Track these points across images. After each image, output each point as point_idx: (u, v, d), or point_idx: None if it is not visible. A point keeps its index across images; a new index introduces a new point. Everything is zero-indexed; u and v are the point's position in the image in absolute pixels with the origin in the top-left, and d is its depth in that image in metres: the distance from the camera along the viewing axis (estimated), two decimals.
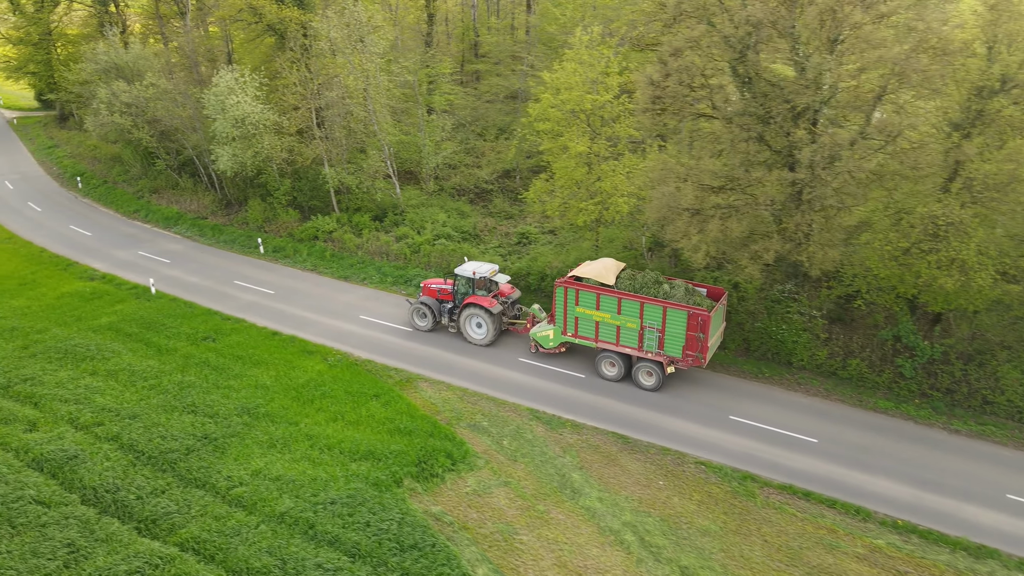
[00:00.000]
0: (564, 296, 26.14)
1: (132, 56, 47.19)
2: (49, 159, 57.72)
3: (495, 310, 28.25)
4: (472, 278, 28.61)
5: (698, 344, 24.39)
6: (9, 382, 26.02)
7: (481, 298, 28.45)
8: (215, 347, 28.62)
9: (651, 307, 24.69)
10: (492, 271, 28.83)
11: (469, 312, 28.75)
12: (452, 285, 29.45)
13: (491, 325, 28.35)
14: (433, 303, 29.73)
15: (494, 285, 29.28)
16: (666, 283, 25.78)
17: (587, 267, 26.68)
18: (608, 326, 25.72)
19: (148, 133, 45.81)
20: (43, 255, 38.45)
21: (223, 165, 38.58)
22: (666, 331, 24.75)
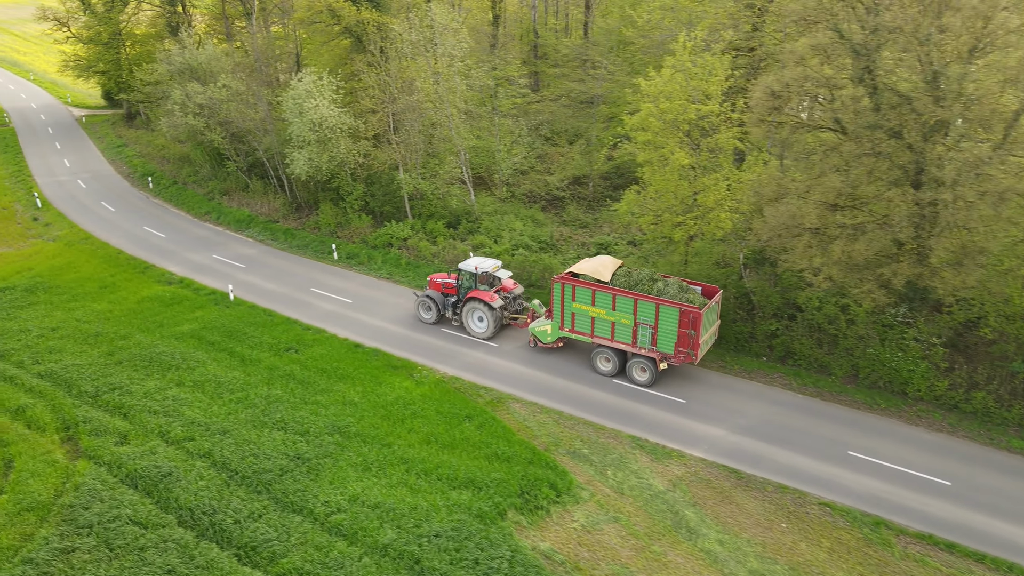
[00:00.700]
0: (561, 292, 26.61)
1: (206, 57, 47.02)
2: (119, 158, 58.19)
3: (496, 305, 28.79)
4: (475, 273, 29.11)
5: (690, 341, 24.58)
6: (97, 391, 25.61)
7: (483, 293, 29.04)
8: (298, 359, 27.86)
9: (644, 304, 25.05)
10: (495, 267, 29.36)
11: (471, 306, 29.29)
12: (456, 279, 29.97)
13: (491, 319, 28.92)
14: (438, 296, 30.45)
15: (497, 281, 29.64)
16: (660, 280, 26.24)
17: (584, 264, 27.13)
18: (603, 322, 26.07)
19: (220, 135, 45.61)
20: (120, 257, 38.35)
21: (298, 169, 37.99)
22: (659, 328, 25.03)
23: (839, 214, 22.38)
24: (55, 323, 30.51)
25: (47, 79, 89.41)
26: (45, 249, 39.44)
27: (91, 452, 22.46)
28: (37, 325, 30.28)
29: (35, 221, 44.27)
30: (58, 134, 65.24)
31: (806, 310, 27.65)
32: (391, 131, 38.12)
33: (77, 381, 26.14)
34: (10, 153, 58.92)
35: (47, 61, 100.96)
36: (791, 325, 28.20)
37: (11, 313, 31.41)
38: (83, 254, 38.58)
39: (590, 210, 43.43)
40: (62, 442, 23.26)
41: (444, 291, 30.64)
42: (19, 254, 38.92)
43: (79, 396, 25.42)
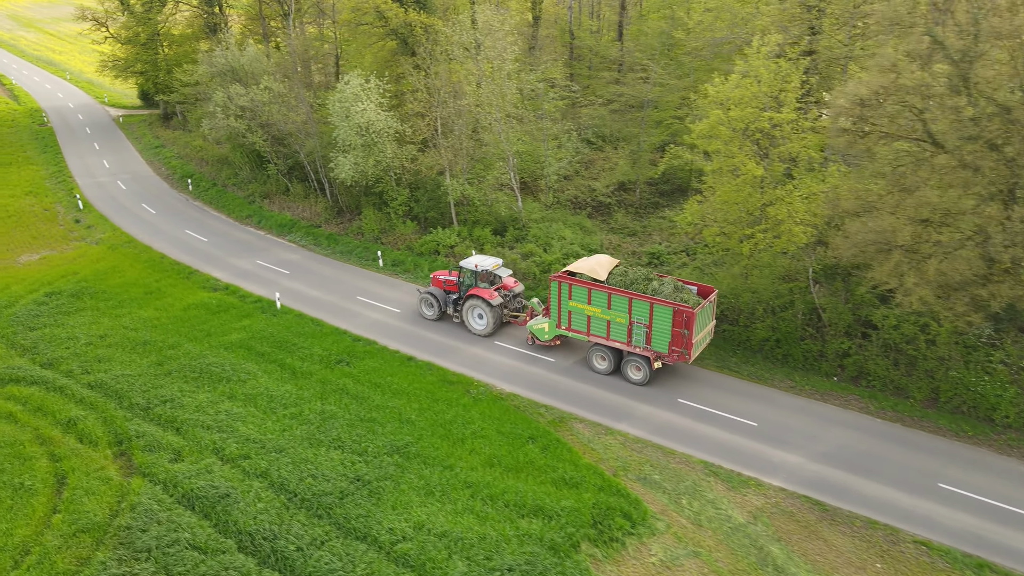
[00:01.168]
0: (558, 290, 26.88)
1: (248, 59, 46.45)
2: (157, 159, 57.95)
3: (495, 302, 29.19)
4: (475, 271, 29.47)
5: (683, 340, 24.69)
6: (149, 403, 24.92)
7: (483, 290, 29.42)
8: (351, 372, 26.99)
9: (639, 303, 25.25)
10: (495, 265, 29.74)
11: (471, 303, 29.69)
12: (458, 277, 30.40)
13: (491, 317, 29.30)
14: (440, 293, 30.89)
15: (497, 279, 30.04)
16: (656, 280, 26.24)
17: (582, 263, 27.38)
18: (599, 320, 26.32)
19: (261, 137, 45.01)
20: (164, 261, 37.81)
21: (344, 174, 37.18)
22: (653, 327, 25.21)
23: (934, 231, 20.98)
24: (103, 330, 29.95)
25: (83, 78, 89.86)
26: (89, 252, 39.04)
27: (145, 469, 21.74)
28: (85, 332, 29.73)
29: (77, 223, 43.98)
30: (96, 134, 65.25)
31: (882, 328, 26.27)
32: (438, 136, 37.16)
33: (128, 392, 25.49)
34: (50, 153, 58.93)
35: (83, 60, 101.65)
36: (864, 344, 26.81)
37: (58, 320, 30.91)
38: (127, 258, 38.10)
39: (637, 217, 42.18)
40: (115, 457, 22.57)
41: (446, 288, 31.06)
42: (63, 257, 38.55)
43: (130, 408, 24.75)
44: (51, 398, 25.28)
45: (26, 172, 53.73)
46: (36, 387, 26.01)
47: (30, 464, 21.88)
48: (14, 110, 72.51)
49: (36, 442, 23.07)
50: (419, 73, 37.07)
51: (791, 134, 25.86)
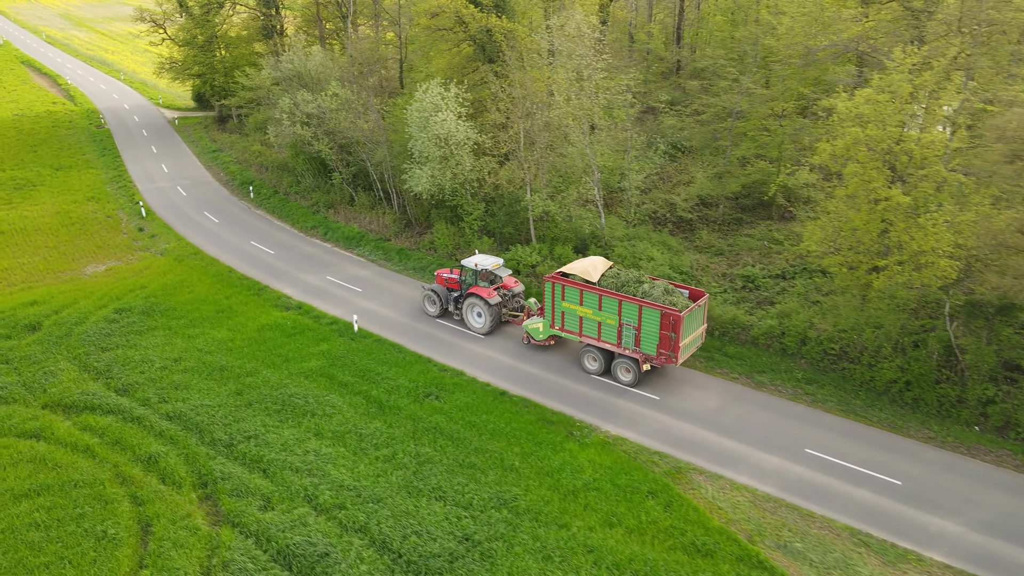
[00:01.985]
0: (552, 291, 27.16)
1: (315, 64, 44.86)
2: (215, 164, 56.84)
3: (493, 301, 29.57)
4: (476, 270, 29.81)
5: (671, 343, 24.74)
6: (231, 439, 23.21)
7: (482, 289, 29.78)
8: (441, 408, 24.99)
9: (628, 305, 25.39)
10: (495, 264, 30.09)
11: (470, 301, 30.16)
12: (459, 275, 30.80)
13: (489, 315, 29.70)
14: (442, 291, 31.36)
15: (497, 278, 30.30)
16: (647, 283, 26.29)
17: (575, 264, 27.60)
18: (591, 322, 26.56)
19: (327, 145, 43.39)
20: (232, 276, 36.30)
21: (420, 187, 35.23)
22: (642, 329, 25.31)
23: None
24: (176, 353, 28.42)
25: (137, 79, 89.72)
26: (155, 264, 37.73)
27: (234, 517, 19.98)
28: (159, 355, 28.23)
29: (141, 232, 42.81)
30: (152, 137, 64.52)
31: None
32: (520, 148, 35.01)
33: (208, 426, 23.82)
34: (108, 156, 58.21)
35: (135, 61, 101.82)
36: (1012, 391, 24.01)
37: (131, 340, 29.48)
38: (194, 271, 36.69)
39: (721, 235, 39.59)
40: (200, 501, 20.87)
41: (448, 286, 31.52)
42: (129, 269, 37.30)
43: (212, 444, 23.07)
44: (129, 430, 23.72)
45: (87, 176, 52.96)
46: (112, 417, 24.50)
47: (112, 508, 20.27)
48: (71, 111, 72.28)
49: (116, 481, 21.49)
50: (502, 81, 34.95)
51: (937, 156, 23.14)
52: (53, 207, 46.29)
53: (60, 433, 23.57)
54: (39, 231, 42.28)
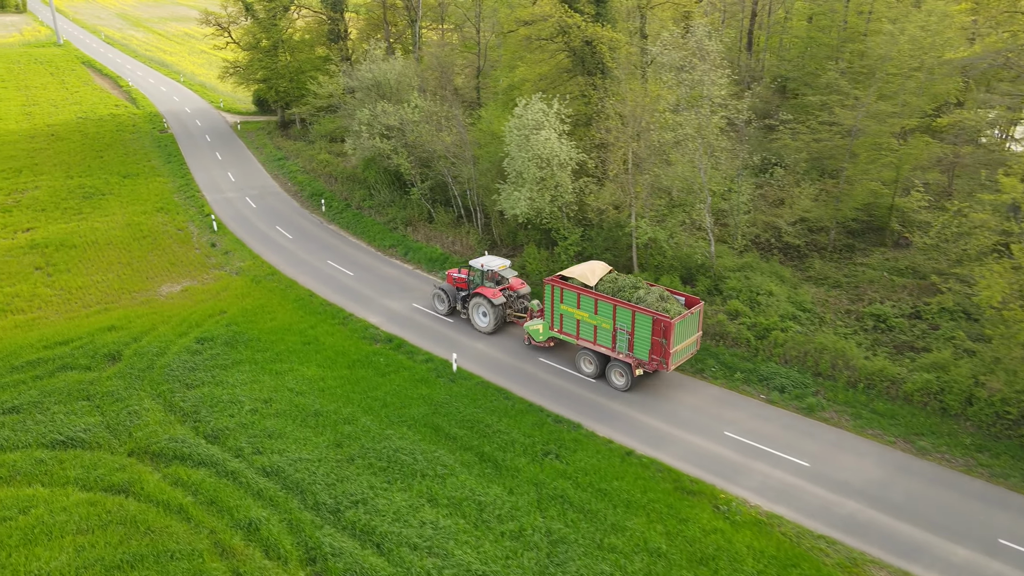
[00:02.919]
0: (551, 294, 27.45)
1: (396, 73, 42.43)
2: (281, 172, 54.93)
3: (497, 301, 30.04)
4: (482, 270, 30.35)
5: (662, 349, 24.79)
6: (337, 503, 20.72)
7: (487, 289, 30.25)
8: (564, 470, 22.19)
9: (622, 310, 25.59)
10: (502, 265, 30.61)
11: (476, 301, 30.69)
12: (467, 275, 31.35)
13: (493, 315, 30.14)
14: (451, 290, 32.04)
15: (504, 279, 30.84)
16: (643, 288, 26.40)
17: (575, 268, 27.94)
18: (587, 325, 26.80)
19: (406, 158, 40.94)
20: (313, 301, 34.00)
21: (517, 209, 32.45)
22: (635, 334, 25.40)
23: None
24: (266, 393, 26.11)
25: (196, 81, 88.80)
26: (232, 285, 35.66)
27: None
28: (248, 395, 25.96)
29: (213, 247, 40.88)
30: (216, 142, 62.98)
31: None
32: (629, 170, 31.99)
33: (310, 486, 21.38)
34: (174, 163, 56.73)
35: (193, 62, 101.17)
36: None
37: (216, 375, 27.29)
38: (273, 295, 34.49)
39: (835, 264, 36.05)
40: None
41: (457, 285, 32.08)
42: (205, 290, 35.27)
43: (317, 509, 20.60)
44: (224, 488, 21.40)
45: (154, 185, 51.42)
46: (205, 470, 22.22)
47: None
48: (134, 114, 71.31)
49: (216, 552, 19.15)
50: (611, 97, 31.97)
51: None
52: (123, 218, 44.69)
53: (150, 488, 21.36)
54: (111, 245, 40.61)
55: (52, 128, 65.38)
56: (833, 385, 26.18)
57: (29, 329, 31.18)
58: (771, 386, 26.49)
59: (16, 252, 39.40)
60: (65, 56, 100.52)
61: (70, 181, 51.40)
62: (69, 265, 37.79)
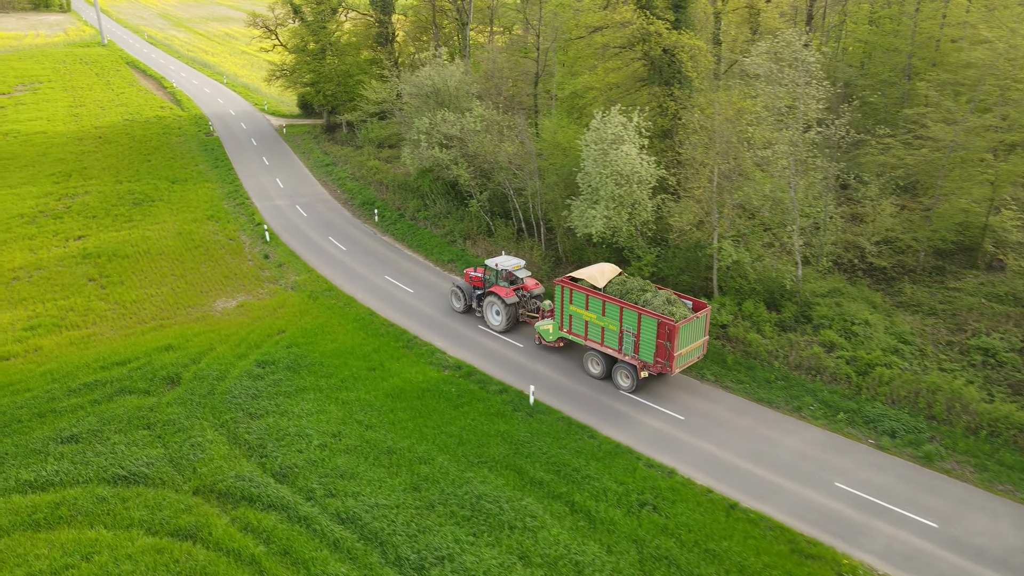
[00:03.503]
0: (561, 295, 27.57)
1: (456, 80, 40.63)
2: (330, 179, 53.49)
3: (510, 300, 30.28)
4: (497, 269, 30.63)
5: (665, 352, 24.83)
6: (421, 559, 18.92)
7: (501, 288, 30.49)
8: (664, 524, 20.14)
9: (629, 312, 25.60)
10: (516, 265, 30.75)
11: (490, 300, 30.95)
12: (483, 274, 31.61)
13: (505, 314, 30.39)
14: (467, 288, 32.36)
15: (518, 279, 30.93)
16: (651, 291, 26.34)
17: (585, 270, 28.05)
18: (595, 326, 26.86)
19: (466, 169, 39.12)
20: (374, 320, 32.33)
21: (594, 228, 30.41)
22: (640, 336, 25.47)
23: None
24: (334, 425, 24.43)
25: (239, 83, 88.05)
26: (288, 301, 34.13)
27: None
28: (315, 427, 24.30)
29: (267, 260, 39.45)
30: (262, 146, 61.83)
31: None
32: (714, 188, 29.77)
33: (390, 536, 19.61)
34: (221, 168, 55.63)
35: (235, 63, 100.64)
36: None
37: (280, 404, 25.70)
38: (333, 313, 32.87)
39: (927, 288, 33.43)
40: None
41: (473, 284, 32.33)
42: (262, 306, 33.79)
43: (399, 565, 18.82)
44: (298, 536, 19.71)
45: (203, 191, 50.29)
46: (276, 514, 20.57)
47: None
48: (179, 116, 70.57)
49: None
50: (694, 109, 29.79)
51: None
52: (174, 226, 43.53)
53: (219, 534, 19.76)
54: (163, 255, 39.41)
55: (99, 130, 64.84)
56: (950, 431, 23.74)
57: (85, 347, 29.95)
58: (880, 430, 24.13)
59: (69, 262, 38.37)
60: (110, 56, 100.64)
61: (119, 186, 50.51)
62: (122, 277, 36.62)
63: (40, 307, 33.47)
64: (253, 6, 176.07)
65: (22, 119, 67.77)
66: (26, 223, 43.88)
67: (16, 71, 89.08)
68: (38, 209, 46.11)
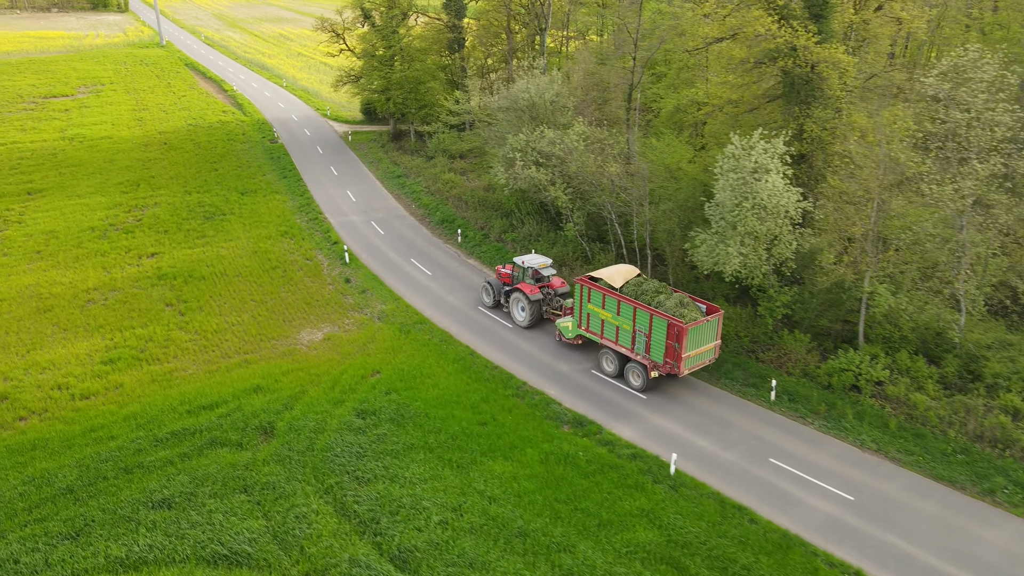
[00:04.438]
0: (580, 293, 27.98)
1: (552, 93, 37.31)
2: (404, 193, 50.65)
3: (534, 297, 30.87)
4: (524, 267, 31.34)
5: (674, 352, 25.08)
6: None
7: (526, 285, 31.18)
8: None
9: (641, 312, 25.97)
10: (542, 264, 31.35)
11: (516, 296, 31.57)
12: (511, 271, 32.24)
13: (529, 310, 30.96)
14: (497, 284, 32.88)
15: (544, 277, 31.44)
16: (664, 293, 26.73)
17: (604, 270, 28.58)
18: (610, 325, 27.17)
19: (563, 190, 35.82)
20: (475, 361, 29.23)
21: (728, 267, 26.83)
22: (652, 337, 25.75)
23: None
24: (453, 497, 21.33)
25: (298, 86, 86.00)
26: (378, 335, 31.22)
27: None
28: (431, 498, 21.24)
29: (348, 284, 36.68)
30: (329, 155, 59.33)
31: None
32: (873, 226, 25.93)
33: None
34: (290, 179, 53.20)
35: (292, 65, 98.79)
36: None
37: (388, 466, 22.69)
38: (429, 351, 29.84)
39: None
40: None
41: (503, 280, 32.90)
42: (350, 340, 30.95)
43: None
44: None
45: (273, 204, 47.85)
46: None
47: None
48: (242, 121, 68.57)
49: None
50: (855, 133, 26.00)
51: None
52: (248, 243, 41.08)
53: None
54: (240, 277, 36.90)
55: (164, 136, 63.09)
56: None
57: (168, 384, 27.41)
58: None
59: (144, 283, 36.08)
60: (168, 58, 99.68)
61: (188, 197, 48.36)
62: (200, 301, 34.16)
63: (118, 335, 31.14)
64: (304, 6, 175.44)
65: (87, 123, 66.46)
66: (97, 237, 41.87)
67: (78, 72, 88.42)
68: (108, 222, 44.13)
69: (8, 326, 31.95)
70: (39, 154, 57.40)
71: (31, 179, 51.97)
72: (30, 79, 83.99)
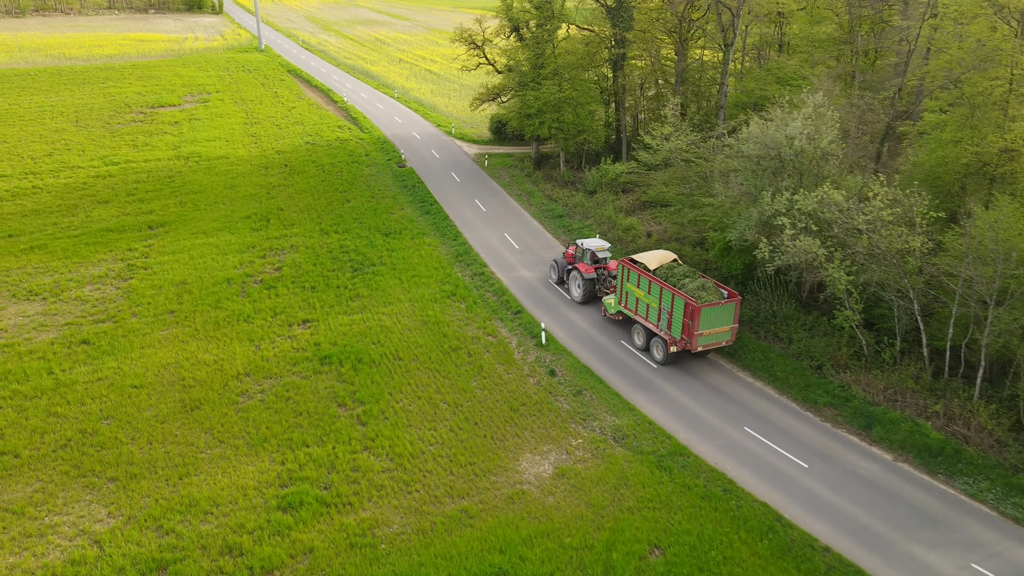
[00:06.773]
0: (622, 273, 30.32)
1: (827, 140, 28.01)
2: (571, 238, 42.04)
3: (588, 276, 33.34)
4: (584, 248, 33.97)
5: (689, 330, 27.05)
6: None
7: (583, 265, 33.72)
8: None
9: (666, 292, 28.04)
10: (600, 247, 33.96)
11: (574, 274, 34.10)
12: (574, 252, 34.66)
13: (583, 287, 33.43)
14: (562, 263, 35.35)
15: (600, 259, 33.87)
16: (690, 277, 28.57)
17: (644, 254, 30.90)
18: (643, 303, 29.33)
19: (846, 269, 26.59)
20: (792, 536, 20.28)
21: None
22: (673, 314, 27.75)
23: None
24: None
25: (411, 97, 78.45)
26: (629, 472, 22.53)
27: None
28: None
29: (552, 377, 28.29)
30: (468, 184, 51.23)
31: None
32: None
33: None
34: (435, 216, 45.13)
35: (396, 73, 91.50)
36: None
37: None
38: (705, 513, 20.92)
39: None
40: None
41: (567, 260, 35.03)
42: (590, 476, 22.34)
43: None
44: None
45: (424, 249, 39.94)
46: None
47: None
48: (361, 139, 61.20)
49: None
50: None
51: None
52: (411, 309, 33.23)
53: None
54: (416, 360, 28.99)
55: (283, 156, 56.14)
56: None
57: (372, 557, 19.41)
58: None
59: (304, 368, 28.47)
60: (269, 63, 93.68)
61: (327, 239, 40.91)
62: (380, 402, 26.30)
63: (289, 456, 23.46)
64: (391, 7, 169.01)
65: (200, 139, 60.11)
66: (235, 293, 34.64)
67: (183, 79, 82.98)
68: (244, 271, 36.93)
69: (152, 432, 24.66)
70: (155, 177, 51.05)
71: (151, 208, 45.49)
72: (135, 86, 78.83)
